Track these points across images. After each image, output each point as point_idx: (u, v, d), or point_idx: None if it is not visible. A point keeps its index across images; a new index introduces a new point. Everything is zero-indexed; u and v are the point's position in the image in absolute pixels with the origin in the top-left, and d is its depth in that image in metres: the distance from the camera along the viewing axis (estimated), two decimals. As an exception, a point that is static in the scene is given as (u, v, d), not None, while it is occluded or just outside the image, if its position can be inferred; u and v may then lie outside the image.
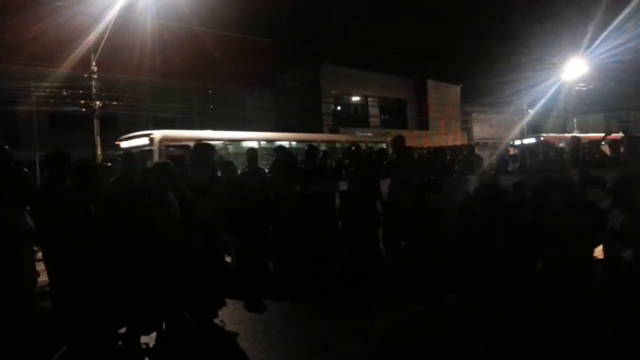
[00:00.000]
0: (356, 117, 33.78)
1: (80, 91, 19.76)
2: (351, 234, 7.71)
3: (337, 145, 17.48)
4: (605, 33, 28.37)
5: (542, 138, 25.59)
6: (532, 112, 35.88)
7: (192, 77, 23.86)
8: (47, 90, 19.60)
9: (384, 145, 16.02)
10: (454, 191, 7.35)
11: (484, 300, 5.90)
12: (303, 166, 8.51)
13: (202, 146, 6.97)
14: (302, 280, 7.04)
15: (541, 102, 34.48)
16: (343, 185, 7.82)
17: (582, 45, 31.56)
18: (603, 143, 14.42)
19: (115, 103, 20.89)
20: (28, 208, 5.33)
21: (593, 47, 30.53)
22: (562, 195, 6.72)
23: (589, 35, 30.27)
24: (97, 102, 19.47)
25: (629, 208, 6.68)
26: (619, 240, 6.92)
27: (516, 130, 34.43)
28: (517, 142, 24.76)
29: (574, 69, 34.57)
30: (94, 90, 19.34)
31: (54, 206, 5.06)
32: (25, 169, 5.44)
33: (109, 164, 8.78)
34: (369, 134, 31.21)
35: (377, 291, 6.55)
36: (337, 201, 7.93)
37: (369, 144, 17.29)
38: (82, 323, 4.88)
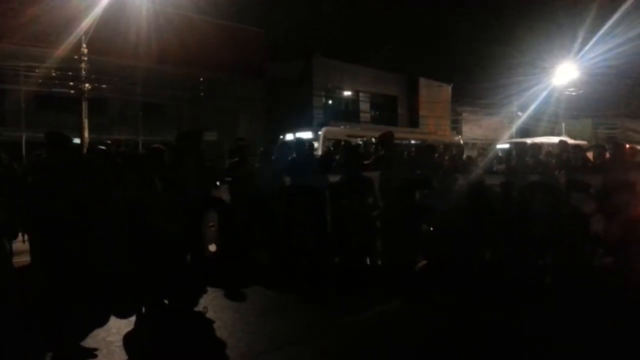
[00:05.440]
0: (347, 112, 33.64)
1: (70, 73, 19.53)
2: (340, 228, 7.67)
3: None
4: (596, 38, 28.56)
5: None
6: (521, 115, 36.11)
7: (183, 64, 23.61)
8: (36, 70, 19.34)
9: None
10: (441, 189, 7.37)
11: (468, 299, 5.93)
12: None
13: None
14: (286, 271, 7.03)
15: (532, 106, 34.69)
16: (333, 178, 7.79)
17: (572, 50, 31.79)
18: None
19: (104, 86, 20.67)
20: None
21: (583, 51, 30.76)
22: (546, 198, 6.75)
23: (579, 40, 30.48)
24: (86, 85, 19.28)
25: (612, 214, 6.71)
26: (601, 246, 6.94)
27: (505, 132, 34.65)
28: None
29: (564, 74, 34.80)
30: (83, 72, 19.14)
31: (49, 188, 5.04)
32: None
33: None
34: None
35: (361, 285, 6.56)
36: (327, 194, 7.89)
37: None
38: (60, 305, 4.84)
